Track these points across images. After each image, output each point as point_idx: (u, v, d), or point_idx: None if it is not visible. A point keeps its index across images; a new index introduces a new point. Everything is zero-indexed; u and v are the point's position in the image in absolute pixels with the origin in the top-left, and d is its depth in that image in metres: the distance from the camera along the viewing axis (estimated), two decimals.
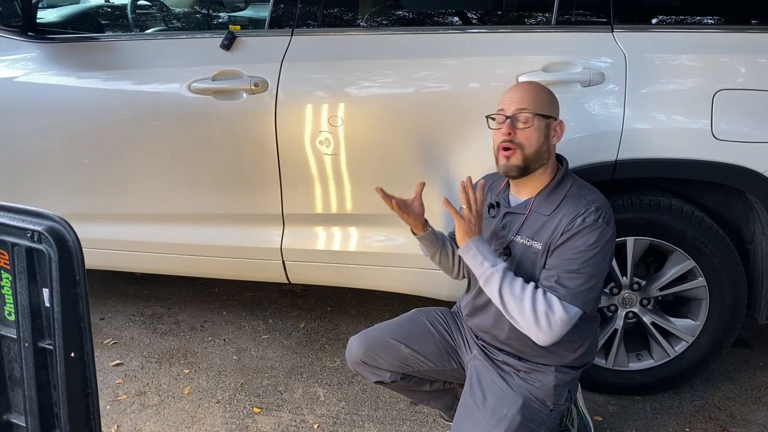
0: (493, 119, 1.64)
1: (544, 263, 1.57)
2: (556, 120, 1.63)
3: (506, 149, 1.58)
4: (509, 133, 1.57)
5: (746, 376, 2.36)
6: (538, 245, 1.58)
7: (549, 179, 1.62)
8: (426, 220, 1.78)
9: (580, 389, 1.92)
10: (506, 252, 1.63)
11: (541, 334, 1.49)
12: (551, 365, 1.65)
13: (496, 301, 1.54)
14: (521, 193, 1.66)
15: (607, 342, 2.14)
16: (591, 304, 1.55)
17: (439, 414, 2.09)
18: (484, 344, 1.75)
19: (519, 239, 1.62)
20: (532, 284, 1.53)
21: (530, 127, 1.57)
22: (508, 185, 1.71)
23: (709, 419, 2.12)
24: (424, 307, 1.91)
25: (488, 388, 1.64)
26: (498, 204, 1.70)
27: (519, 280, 1.53)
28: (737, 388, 2.28)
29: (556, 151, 1.67)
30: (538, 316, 1.48)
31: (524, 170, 1.59)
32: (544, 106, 1.60)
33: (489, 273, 1.54)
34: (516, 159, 1.57)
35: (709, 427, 2.09)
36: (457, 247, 1.62)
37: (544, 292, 1.51)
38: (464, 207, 1.60)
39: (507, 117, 1.58)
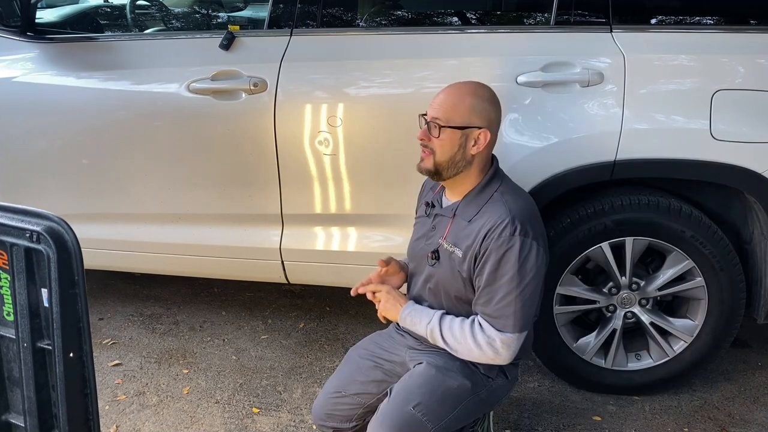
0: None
1: (468, 270, 1.57)
2: (479, 129, 1.56)
3: (423, 150, 1.60)
4: (422, 139, 1.58)
5: (745, 376, 2.36)
6: (459, 252, 1.59)
7: (475, 183, 1.61)
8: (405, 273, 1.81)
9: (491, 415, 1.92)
10: (434, 256, 1.65)
11: (497, 360, 1.56)
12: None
13: (446, 349, 1.59)
14: (452, 195, 1.66)
15: (606, 342, 2.14)
16: (529, 319, 1.56)
17: None
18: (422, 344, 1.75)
19: (444, 244, 1.63)
20: (468, 321, 1.57)
21: (440, 136, 1.55)
22: (444, 186, 1.71)
23: (708, 419, 2.13)
24: (355, 344, 1.91)
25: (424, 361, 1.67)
26: (433, 204, 1.71)
27: (456, 323, 1.58)
28: (736, 388, 2.28)
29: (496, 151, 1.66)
30: (483, 349, 1.54)
31: (436, 174, 1.59)
32: (462, 116, 1.55)
33: (429, 331, 1.60)
34: (426, 163, 1.59)
35: (707, 427, 2.09)
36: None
37: (480, 325, 1.55)
38: (372, 295, 1.70)
39: (426, 121, 1.58)
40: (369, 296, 1.71)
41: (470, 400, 1.62)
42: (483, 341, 1.53)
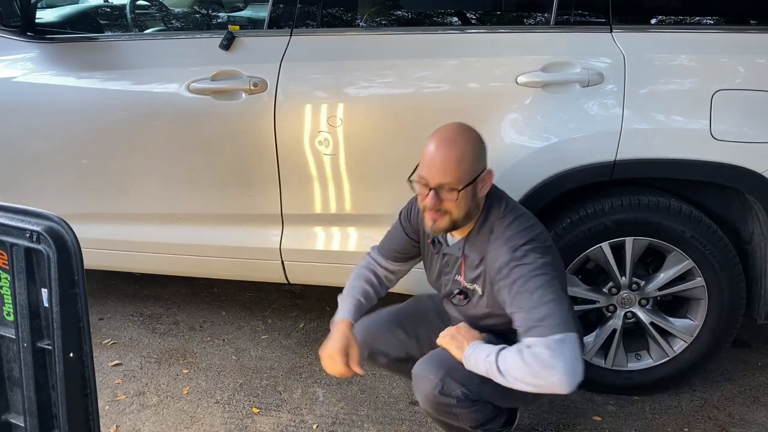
0: (415, 181, 1.56)
1: (489, 306, 1.60)
2: (484, 171, 1.55)
3: (432, 213, 1.53)
4: (434, 206, 1.51)
5: (745, 376, 2.36)
6: (479, 289, 1.62)
7: (476, 221, 1.60)
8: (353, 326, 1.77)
9: None
10: (465, 297, 1.67)
11: (558, 383, 1.37)
12: None
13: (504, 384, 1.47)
14: (455, 233, 1.65)
15: (606, 342, 2.14)
16: (569, 318, 1.45)
17: None
18: None
19: (465, 283, 1.65)
20: (515, 352, 1.43)
21: (456, 198, 1.50)
22: None
23: (708, 419, 2.12)
24: (426, 294, 1.93)
25: None
26: (439, 241, 1.71)
27: (508, 360, 1.43)
28: (736, 388, 2.28)
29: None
30: (536, 370, 1.39)
31: (452, 229, 1.58)
32: (469, 171, 1.51)
33: (484, 371, 1.49)
34: (443, 223, 1.54)
35: (708, 427, 2.09)
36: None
37: (528, 347, 1.41)
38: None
39: (431, 188, 1.50)
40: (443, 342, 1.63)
41: None
42: (538, 367, 1.38)
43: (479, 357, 1.50)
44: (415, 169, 1.56)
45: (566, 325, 1.42)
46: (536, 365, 1.38)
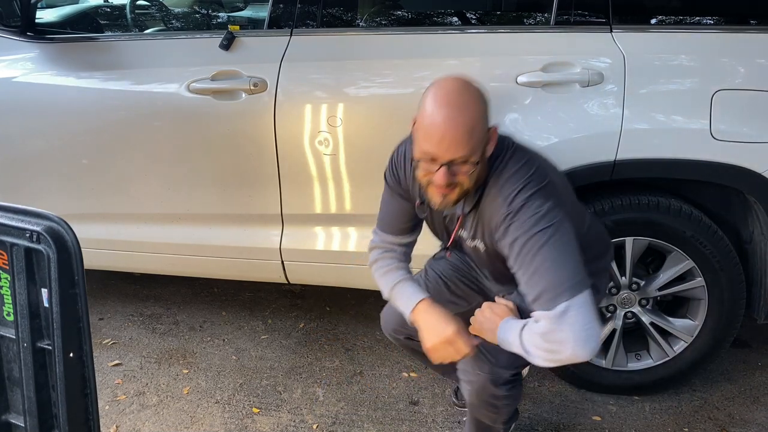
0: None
1: (497, 253, 1.48)
2: (491, 129, 1.40)
3: (441, 189, 1.38)
4: (447, 182, 1.36)
5: (745, 376, 2.36)
6: (481, 245, 1.52)
7: None
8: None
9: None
10: (466, 249, 1.60)
11: (574, 355, 1.29)
12: None
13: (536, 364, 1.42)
14: None
15: (606, 342, 2.14)
16: (575, 275, 1.32)
17: (453, 392, 2.11)
18: None
19: (467, 239, 1.57)
20: (528, 331, 1.36)
21: (472, 170, 1.36)
22: None
23: (708, 419, 2.13)
24: (427, 263, 1.90)
25: None
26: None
27: (528, 339, 1.36)
28: (736, 388, 2.28)
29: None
30: (550, 346, 1.32)
31: (462, 199, 1.45)
32: (480, 136, 1.34)
33: (520, 352, 1.40)
34: (454, 195, 1.40)
35: (707, 427, 2.09)
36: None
37: (536, 323, 1.34)
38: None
39: (442, 164, 1.34)
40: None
41: None
42: (550, 341, 1.31)
43: (510, 339, 1.41)
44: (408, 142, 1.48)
45: (571, 289, 1.30)
46: (547, 343, 1.32)
